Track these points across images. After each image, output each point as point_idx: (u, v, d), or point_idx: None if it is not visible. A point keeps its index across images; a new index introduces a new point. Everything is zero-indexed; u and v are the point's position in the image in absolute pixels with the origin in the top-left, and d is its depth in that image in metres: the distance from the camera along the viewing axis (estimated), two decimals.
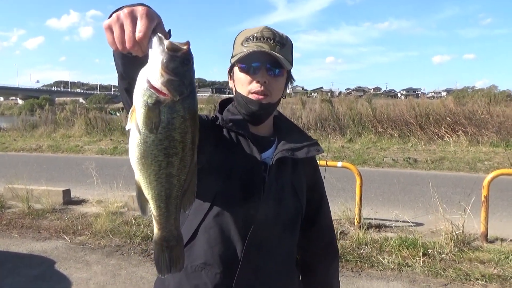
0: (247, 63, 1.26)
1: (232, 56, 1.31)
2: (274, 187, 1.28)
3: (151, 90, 0.90)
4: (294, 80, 1.39)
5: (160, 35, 0.90)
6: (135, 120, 0.92)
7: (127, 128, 0.94)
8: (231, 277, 1.22)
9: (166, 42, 0.89)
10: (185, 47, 0.91)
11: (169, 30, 0.95)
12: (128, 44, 0.89)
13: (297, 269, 1.41)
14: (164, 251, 1.05)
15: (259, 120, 1.34)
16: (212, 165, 1.24)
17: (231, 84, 1.37)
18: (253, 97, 1.27)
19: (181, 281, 1.25)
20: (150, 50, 0.91)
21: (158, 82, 0.89)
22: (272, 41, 1.26)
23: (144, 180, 0.96)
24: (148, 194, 0.97)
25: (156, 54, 0.90)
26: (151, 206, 0.99)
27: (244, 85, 1.28)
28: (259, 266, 1.26)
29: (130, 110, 0.93)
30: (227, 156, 1.27)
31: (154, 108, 0.90)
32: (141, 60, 0.93)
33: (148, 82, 0.90)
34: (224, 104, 1.41)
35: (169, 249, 1.05)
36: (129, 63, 0.98)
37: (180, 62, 0.90)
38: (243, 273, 1.23)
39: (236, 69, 1.30)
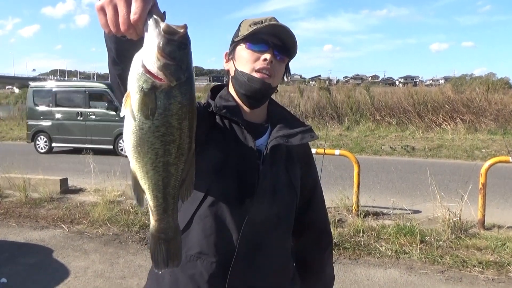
0: (256, 42, 1.25)
1: (237, 36, 1.29)
2: (269, 174, 1.26)
3: (147, 75, 0.86)
4: (290, 73, 1.39)
5: (156, 17, 0.86)
6: (130, 106, 0.88)
7: (121, 114, 0.90)
8: (227, 266, 1.21)
9: (162, 25, 0.85)
10: (182, 30, 0.87)
11: (164, 12, 0.91)
12: (122, 27, 0.85)
13: (292, 256, 1.40)
14: (161, 244, 1.01)
15: (257, 102, 1.31)
16: (205, 153, 1.22)
17: (227, 66, 1.34)
18: (257, 75, 1.25)
19: (176, 271, 1.23)
20: (145, 33, 0.87)
21: (154, 66, 0.86)
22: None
23: (140, 169, 0.92)
24: (144, 184, 0.94)
25: (152, 38, 0.86)
26: (148, 197, 0.95)
27: (249, 63, 1.25)
28: (255, 254, 1.25)
29: (125, 95, 0.89)
30: (220, 144, 1.25)
31: (150, 93, 0.86)
32: (136, 44, 0.89)
33: (144, 66, 0.86)
34: (215, 90, 1.38)
35: (166, 242, 1.01)
36: (123, 47, 0.94)
37: (177, 45, 0.87)
38: (238, 262, 1.21)
39: (240, 47, 1.28)
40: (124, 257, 4.34)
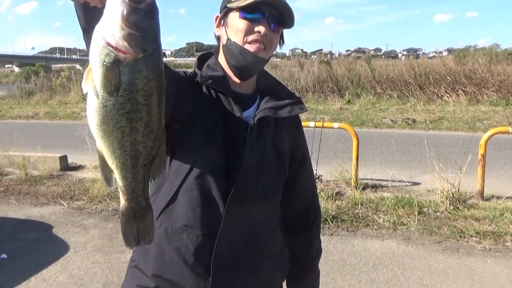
0: (251, 11, 1.19)
1: (230, 2, 1.22)
2: (256, 147, 1.23)
3: (109, 47, 0.80)
4: (283, 42, 1.32)
5: None
6: (92, 82, 0.83)
7: (84, 91, 0.85)
8: (213, 239, 1.20)
9: None
10: None
11: None
12: None
13: (280, 228, 1.39)
14: (132, 223, 0.99)
15: (248, 74, 1.27)
16: (191, 125, 1.19)
17: (218, 32, 1.28)
18: (250, 48, 1.20)
19: (162, 243, 1.22)
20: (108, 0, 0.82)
21: (117, 37, 0.80)
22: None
23: (107, 149, 0.89)
24: (112, 163, 0.90)
25: (115, 5, 0.80)
26: (116, 177, 0.92)
27: (242, 33, 1.19)
28: (241, 227, 1.24)
29: (86, 70, 0.85)
30: (207, 115, 1.21)
31: (113, 68, 0.81)
32: (102, 12, 0.84)
33: (105, 38, 0.80)
34: (203, 59, 1.33)
35: (137, 221, 0.99)
36: (90, 15, 0.89)
37: (143, 14, 0.81)
38: (224, 235, 1.20)
39: (233, 15, 1.21)
40: None
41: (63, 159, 6.99)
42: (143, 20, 0.81)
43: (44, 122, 13.45)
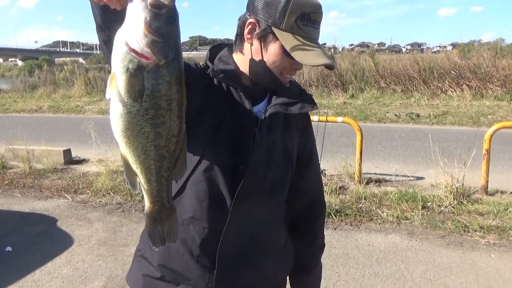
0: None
1: (280, 24, 1.13)
2: (265, 142, 1.23)
3: (132, 54, 0.81)
4: None
5: None
6: (116, 88, 0.84)
7: (107, 97, 0.86)
8: (219, 231, 1.20)
9: None
10: (169, 3, 0.81)
11: None
12: None
13: (285, 223, 1.39)
14: (157, 225, 1.02)
15: (259, 85, 1.26)
16: (201, 117, 1.18)
17: (251, 40, 1.19)
18: (282, 78, 1.21)
19: None
20: (129, 4, 0.82)
21: (140, 44, 0.81)
22: (319, 28, 1.20)
23: (131, 154, 0.90)
24: (136, 168, 0.92)
25: (137, 12, 0.80)
26: (141, 180, 0.94)
27: (279, 67, 1.18)
28: (247, 221, 1.24)
29: (109, 77, 0.85)
30: (216, 108, 1.21)
31: (136, 74, 0.82)
32: (121, 14, 0.84)
33: (128, 44, 0.81)
34: (214, 51, 1.32)
35: (162, 222, 1.02)
36: (108, 14, 0.89)
37: (165, 20, 0.81)
38: (231, 228, 1.20)
39: (277, 45, 1.16)
40: (127, 226, 4.39)
41: (67, 152, 7.01)
42: (164, 26, 0.82)
43: (47, 116, 13.48)
